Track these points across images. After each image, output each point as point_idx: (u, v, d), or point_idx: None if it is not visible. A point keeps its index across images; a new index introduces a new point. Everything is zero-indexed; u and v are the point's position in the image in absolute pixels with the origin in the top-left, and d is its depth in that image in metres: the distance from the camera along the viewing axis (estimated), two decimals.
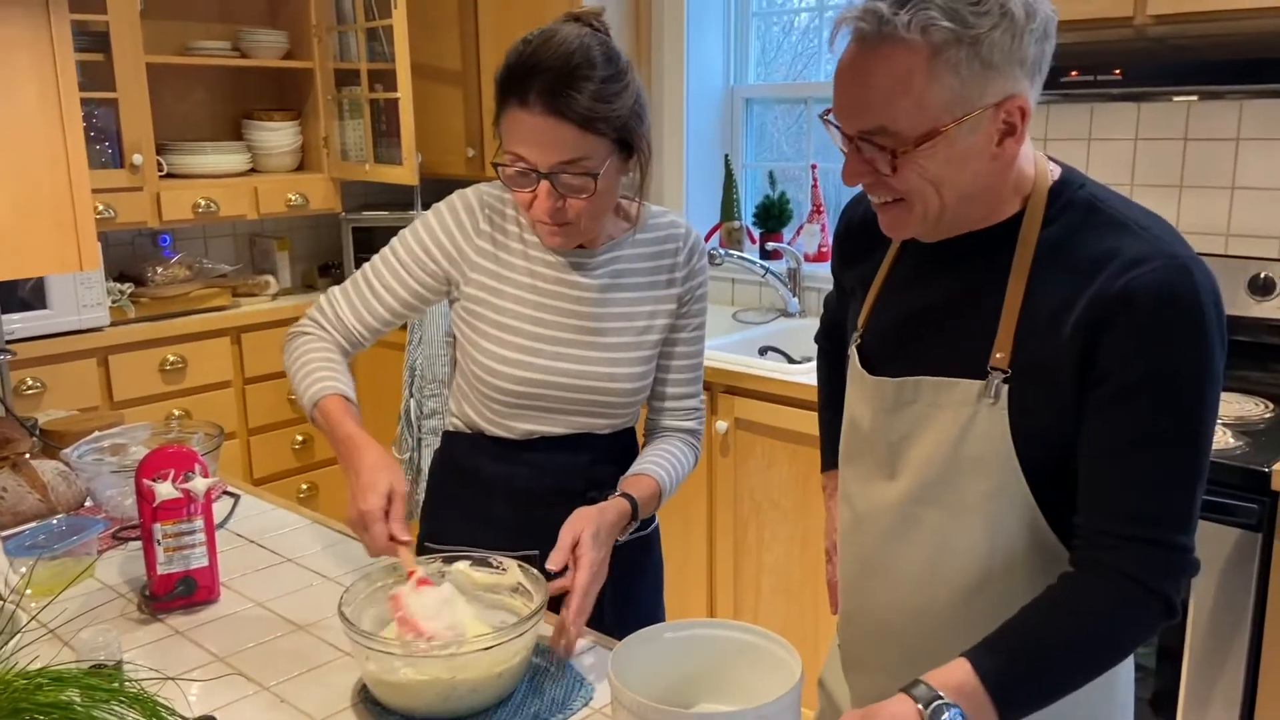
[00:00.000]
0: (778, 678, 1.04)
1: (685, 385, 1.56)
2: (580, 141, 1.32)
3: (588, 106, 1.31)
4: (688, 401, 1.57)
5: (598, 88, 1.32)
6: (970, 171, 1.05)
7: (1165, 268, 1.01)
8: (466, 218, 1.48)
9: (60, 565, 1.44)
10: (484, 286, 1.47)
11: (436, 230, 1.48)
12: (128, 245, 3.45)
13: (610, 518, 1.37)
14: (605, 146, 1.35)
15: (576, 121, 1.31)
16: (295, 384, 1.46)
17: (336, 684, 1.24)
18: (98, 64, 3.07)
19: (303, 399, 1.44)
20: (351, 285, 1.51)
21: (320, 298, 1.53)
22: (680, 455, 1.53)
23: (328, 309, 1.51)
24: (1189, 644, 1.90)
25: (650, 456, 1.51)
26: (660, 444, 1.54)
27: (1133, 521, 1.02)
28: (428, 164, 3.47)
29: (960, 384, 1.10)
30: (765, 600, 2.66)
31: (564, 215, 1.37)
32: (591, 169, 1.34)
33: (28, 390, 2.88)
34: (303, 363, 1.46)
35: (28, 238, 1.64)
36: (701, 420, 1.60)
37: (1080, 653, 1.03)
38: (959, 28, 0.98)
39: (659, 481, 1.47)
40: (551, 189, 1.35)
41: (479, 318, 1.47)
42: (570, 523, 1.34)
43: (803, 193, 3.27)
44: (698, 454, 1.58)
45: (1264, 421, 2.06)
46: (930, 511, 1.14)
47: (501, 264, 1.47)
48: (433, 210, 1.50)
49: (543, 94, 1.31)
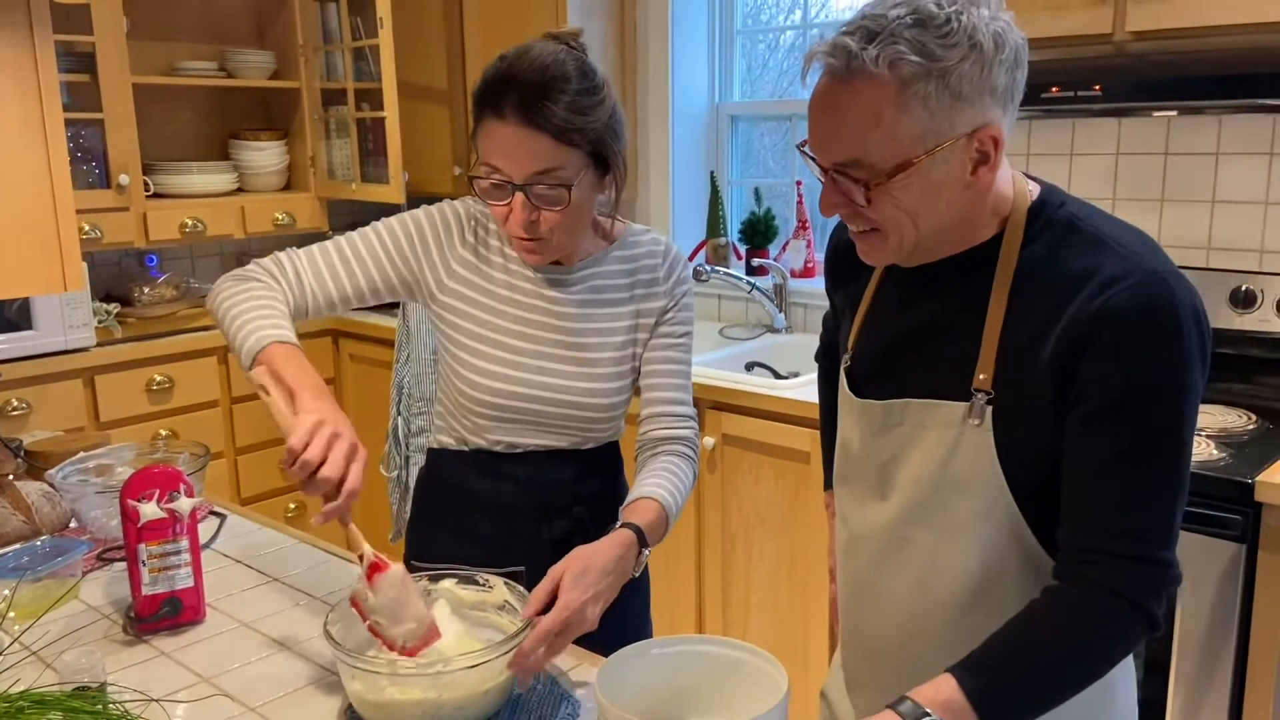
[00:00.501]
0: (765, 693, 1.04)
1: (674, 391, 1.53)
2: (555, 152, 1.34)
3: (563, 118, 1.32)
4: (678, 408, 1.53)
5: (573, 99, 1.33)
6: (944, 201, 1.06)
7: (1142, 283, 1.02)
8: (455, 226, 1.49)
9: (44, 587, 1.43)
10: (463, 298, 1.47)
11: (425, 231, 1.48)
12: (114, 265, 3.44)
13: (609, 552, 1.30)
14: (579, 159, 1.36)
15: (551, 132, 1.33)
16: (238, 324, 1.33)
17: (322, 704, 1.23)
18: (84, 84, 3.07)
19: (247, 340, 1.31)
20: (320, 252, 1.45)
21: (278, 254, 1.45)
22: (679, 471, 1.48)
23: (287, 266, 1.43)
24: (1175, 655, 1.90)
25: (649, 479, 1.45)
26: (656, 462, 1.49)
27: (1115, 537, 1.03)
28: (414, 182, 3.48)
29: (945, 406, 1.11)
30: (754, 616, 2.66)
31: (538, 229, 1.38)
32: (565, 179, 1.35)
33: (13, 411, 2.87)
34: (249, 306, 1.35)
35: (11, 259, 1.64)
36: (695, 428, 1.55)
37: (1064, 666, 1.03)
38: (927, 61, 0.99)
39: (662, 503, 1.41)
40: (526, 201, 1.36)
41: (459, 330, 1.47)
42: (558, 564, 1.27)
43: (789, 209, 3.28)
44: (695, 464, 1.53)
45: (1247, 433, 2.07)
46: (920, 532, 1.14)
47: (482, 276, 1.48)
48: (423, 210, 1.50)
49: (518, 105, 1.32)
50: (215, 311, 1.40)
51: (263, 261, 1.45)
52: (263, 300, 1.37)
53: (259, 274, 1.43)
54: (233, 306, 1.37)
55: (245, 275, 1.43)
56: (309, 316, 1.45)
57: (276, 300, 1.39)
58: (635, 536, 1.34)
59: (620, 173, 1.42)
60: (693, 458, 1.53)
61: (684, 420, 1.54)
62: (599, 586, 1.26)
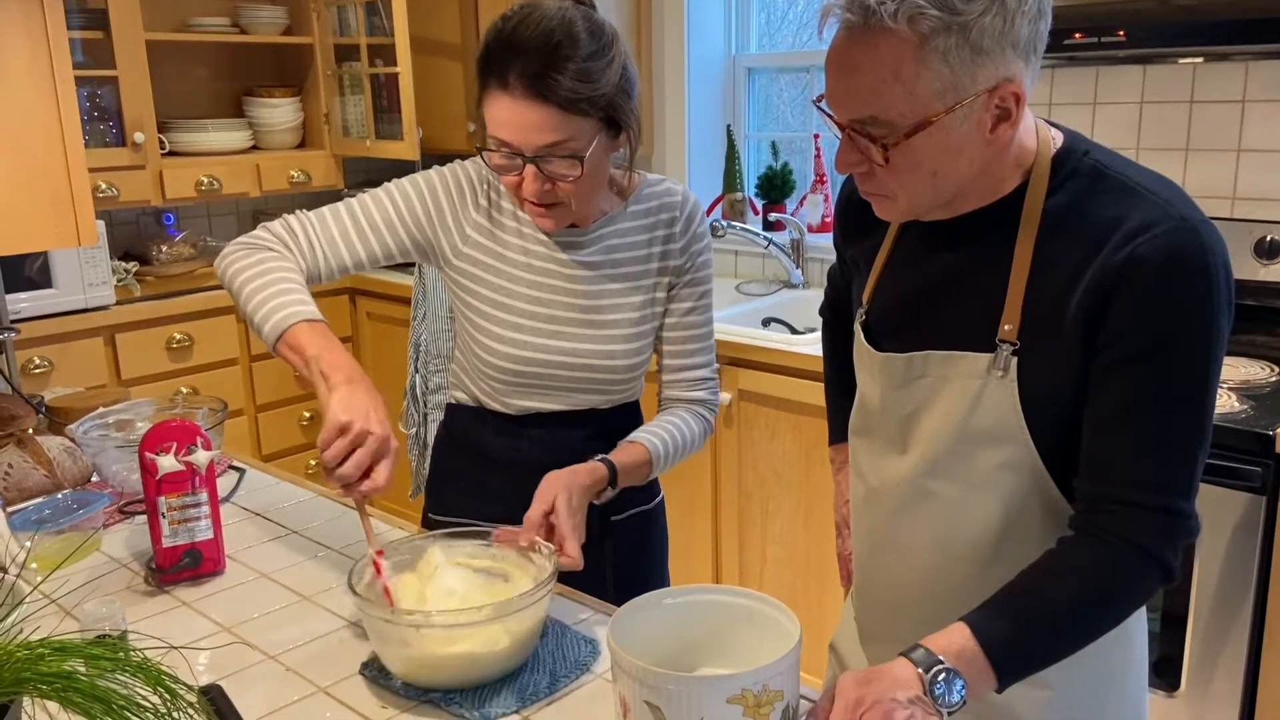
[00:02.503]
0: (777, 641, 1.04)
1: (692, 356, 1.53)
2: (564, 124, 1.29)
3: (570, 88, 1.27)
4: (696, 372, 1.53)
5: (581, 66, 1.28)
6: (965, 159, 1.03)
7: (1173, 231, 1.00)
8: (468, 189, 1.46)
9: (65, 539, 1.45)
10: (478, 262, 1.46)
11: (439, 194, 1.45)
12: (132, 224, 3.45)
13: (582, 480, 1.34)
14: (591, 126, 1.31)
15: (559, 104, 1.28)
16: (256, 300, 1.31)
17: (343, 654, 1.25)
18: (97, 42, 3.06)
19: (270, 318, 1.29)
20: (332, 216, 1.43)
21: (287, 218, 1.43)
22: (683, 426, 1.49)
23: (299, 232, 1.41)
24: (1193, 608, 1.90)
25: (649, 426, 1.49)
26: (665, 415, 1.51)
27: (1134, 486, 1.02)
28: (429, 139, 3.46)
29: (968, 357, 1.09)
30: (770, 569, 2.67)
31: (552, 197, 1.35)
32: (577, 151, 1.31)
33: (35, 369, 2.90)
34: (267, 280, 1.32)
35: (25, 213, 1.64)
36: (714, 390, 1.55)
37: (1078, 617, 1.03)
38: (946, 15, 0.95)
39: (650, 449, 1.44)
40: (537, 172, 1.32)
41: (475, 295, 1.46)
42: (541, 490, 1.31)
43: (806, 163, 3.25)
44: (708, 425, 1.53)
45: (1269, 385, 2.05)
46: (942, 485, 1.13)
47: (496, 241, 1.46)
48: (435, 172, 1.47)
49: (523, 76, 1.27)
50: (228, 282, 1.38)
51: (272, 226, 1.42)
52: (279, 273, 1.34)
53: (270, 242, 1.40)
54: (248, 281, 1.34)
55: (256, 243, 1.40)
56: (322, 282, 1.43)
57: (292, 271, 1.36)
58: (607, 473, 1.38)
59: (634, 131, 1.38)
60: (706, 418, 1.53)
61: (703, 384, 1.54)
62: (583, 508, 1.33)
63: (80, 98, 3.03)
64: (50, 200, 1.66)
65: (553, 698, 1.15)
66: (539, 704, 1.14)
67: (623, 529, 1.55)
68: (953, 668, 0.97)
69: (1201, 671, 1.92)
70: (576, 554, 1.27)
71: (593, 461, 1.39)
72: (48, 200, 1.66)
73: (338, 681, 1.19)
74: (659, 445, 1.46)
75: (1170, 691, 1.95)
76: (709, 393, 1.55)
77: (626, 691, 0.99)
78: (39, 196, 1.66)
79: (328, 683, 1.19)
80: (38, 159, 1.65)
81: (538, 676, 1.18)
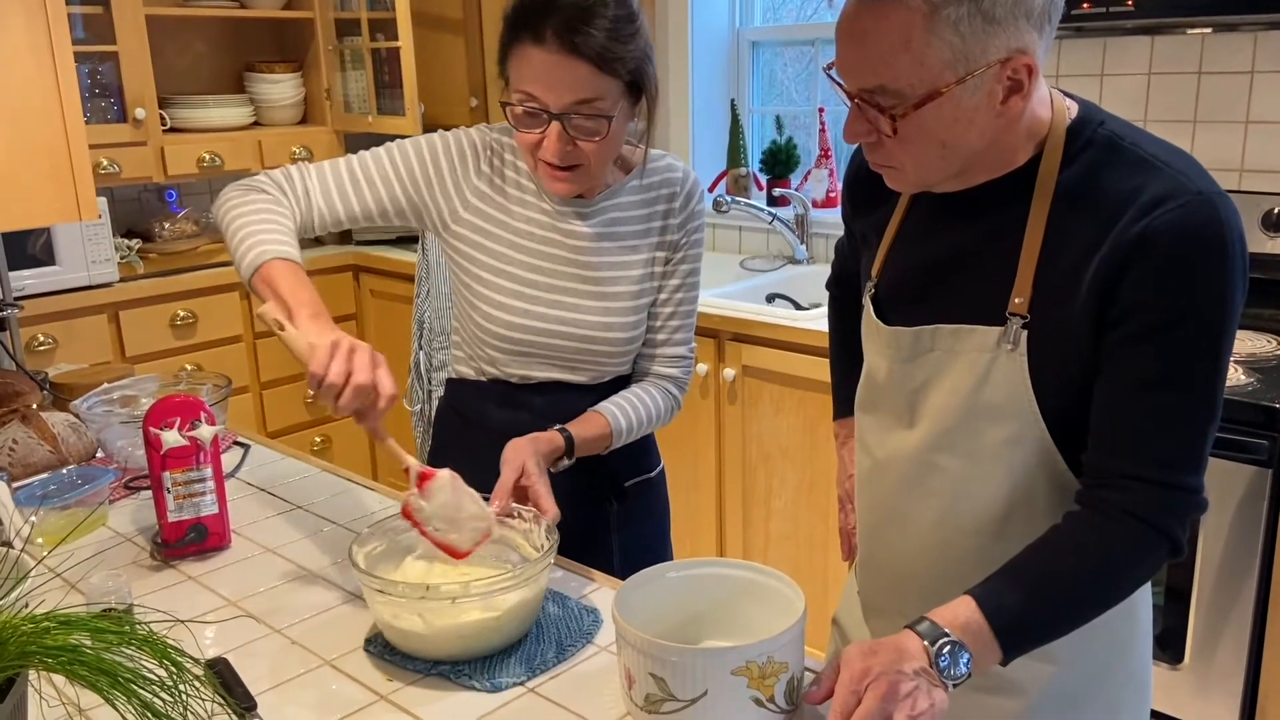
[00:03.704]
0: (781, 614, 1.04)
1: (674, 334, 1.54)
2: (595, 81, 1.30)
3: (604, 45, 1.28)
4: (676, 349, 1.54)
5: (613, 26, 1.29)
6: (975, 131, 1.02)
7: (1189, 205, 0.98)
8: (470, 155, 1.46)
9: (71, 514, 1.45)
10: (478, 229, 1.46)
11: (440, 157, 1.45)
12: (134, 201, 3.44)
13: (543, 449, 1.36)
14: (618, 89, 1.33)
15: (593, 60, 1.28)
16: (240, 235, 1.32)
17: (348, 627, 1.25)
18: (97, 17, 3.04)
19: (248, 254, 1.30)
20: (331, 169, 1.44)
21: (288, 167, 1.44)
22: (650, 401, 1.51)
23: (296, 181, 1.42)
24: (1198, 582, 1.90)
25: (615, 398, 1.49)
26: (634, 388, 1.52)
27: (1143, 461, 1.01)
28: (430, 114, 3.44)
29: (978, 330, 1.08)
30: (774, 544, 2.68)
31: (574, 158, 1.35)
32: (605, 110, 1.32)
33: (40, 346, 2.90)
34: (254, 219, 1.33)
35: (25, 188, 1.64)
36: (688, 369, 1.57)
37: (1084, 591, 1.03)
38: None
39: (611, 422, 1.45)
40: (562, 131, 1.32)
41: (474, 261, 1.46)
42: (509, 457, 1.33)
43: (810, 139, 3.23)
44: (676, 402, 1.55)
45: (1275, 358, 2.04)
46: (948, 459, 1.13)
47: (498, 208, 1.46)
48: (439, 135, 1.47)
49: (559, 30, 1.27)
50: (220, 219, 1.38)
51: (272, 173, 1.43)
52: (267, 213, 1.35)
53: (267, 185, 1.40)
54: (237, 217, 1.34)
55: (252, 185, 1.40)
56: (315, 232, 1.44)
57: (282, 214, 1.36)
58: (564, 443, 1.40)
59: (654, 102, 1.39)
60: (675, 396, 1.55)
61: (679, 361, 1.55)
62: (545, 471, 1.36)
63: (81, 74, 3.02)
64: (50, 174, 1.65)
65: (559, 668, 1.16)
66: (546, 674, 1.15)
67: (625, 498, 1.56)
68: (958, 640, 0.97)
69: (1205, 645, 1.92)
70: (554, 507, 1.28)
71: (551, 430, 1.40)
72: (47, 174, 1.65)
73: (343, 655, 1.19)
74: (621, 419, 1.47)
75: (1174, 664, 1.95)
76: (683, 371, 1.56)
77: (631, 664, 1.00)
78: (38, 171, 1.66)
79: (333, 655, 1.19)
80: (37, 133, 1.64)
81: (544, 646, 1.18)
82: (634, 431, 1.49)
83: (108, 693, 0.81)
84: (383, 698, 1.11)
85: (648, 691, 0.98)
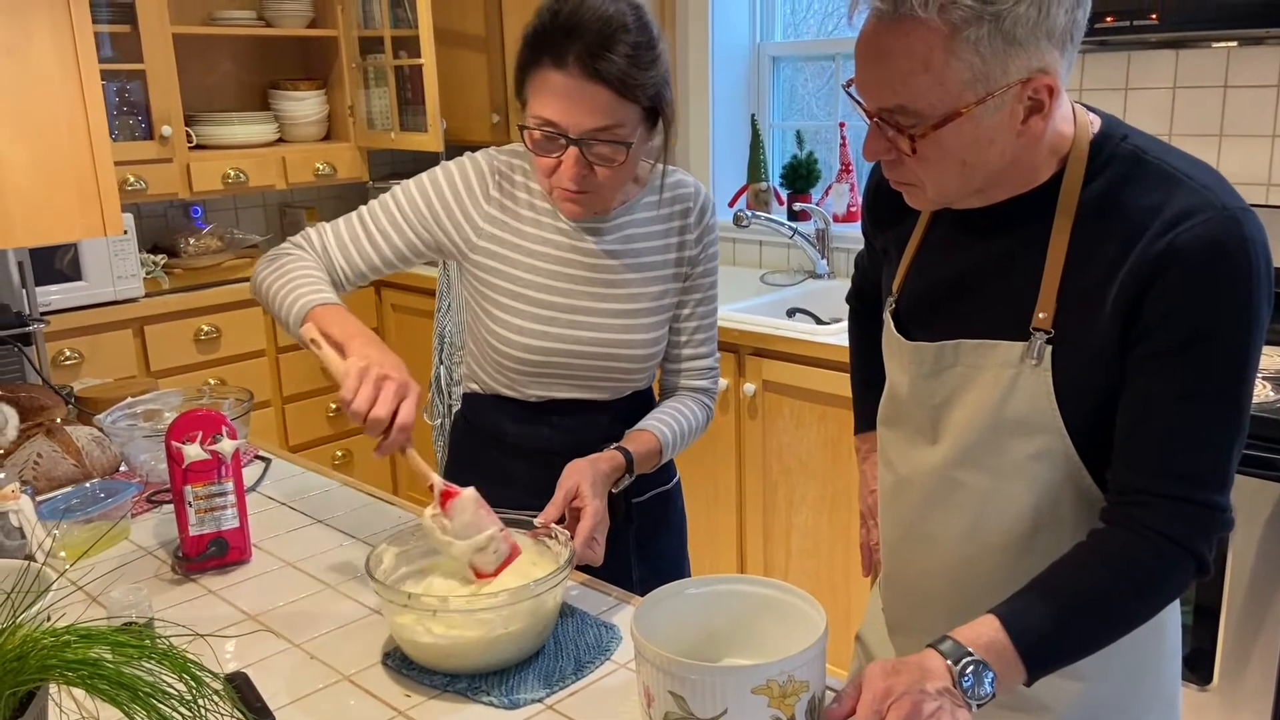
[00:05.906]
0: (802, 631, 1.03)
1: (700, 346, 1.55)
2: (615, 107, 1.30)
3: (625, 70, 1.28)
4: (703, 362, 1.56)
5: (633, 52, 1.29)
6: (995, 150, 1.01)
7: (1214, 220, 0.97)
8: (477, 183, 1.46)
9: (94, 527, 1.46)
10: (493, 255, 1.46)
11: (445, 192, 1.46)
12: (160, 217, 3.48)
13: (603, 469, 1.38)
14: (637, 114, 1.33)
15: (614, 86, 1.29)
16: (280, 295, 1.36)
17: (367, 641, 1.25)
18: (125, 35, 3.08)
19: (291, 308, 1.34)
20: (345, 225, 1.47)
21: (308, 229, 1.48)
22: (689, 413, 1.53)
23: (315, 241, 1.46)
24: (1226, 600, 1.87)
25: (656, 414, 1.51)
26: (671, 402, 1.54)
27: (1169, 478, 1.00)
28: (453, 130, 3.46)
29: (1001, 346, 1.08)
30: (795, 560, 2.66)
31: (589, 183, 1.35)
32: (624, 138, 1.32)
33: (66, 361, 2.93)
34: (289, 278, 1.37)
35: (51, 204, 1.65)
36: (716, 379, 1.59)
37: (1110, 611, 1.01)
38: (979, 4, 0.93)
39: (659, 438, 1.47)
40: (580, 156, 1.32)
41: (491, 287, 1.46)
42: (565, 478, 1.35)
43: (831, 153, 3.22)
44: (710, 412, 1.58)
45: None
46: (972, 475, 1.12)
47: (512, 231, 1.46)
48: (441, 169, 1.48)
49: (581, 55, 1.27)
50: (260, 294, 1.43)
51: (293, 239, 1.48)
52: (300, 270, 1.39)
53: (290, 249, 1.45)
54: (273, 283, 1.39)
55: (279, 254, 1.45)
56: (346, 290, 1.47)
57: (313, 268, 1.41)
58: (625, 461, 1.41)
59: (672, 126, 1.39)
60: (709, 405, 1.57)
61: (706, 373, 1.57)
62: (604, 495, 1.37)
63: (109, 92, 3.06)
64: (76, 191, 1.67)
65: (578, 685, 1.15)
66: (564, 691, 1.14)
67: (643, 511, 1.56)
68: (982, 660, 0.96)
69: (1235, 665, 1.89)
70: (598, 547, 1.30)
71: (610, 450, 1.42)
72: (74, 191, 1.67)
73: (362, 670, 1.19)
74: (668, 434, 1.49)
75: (1203, 685, 1.92)
76: (711, 381, 1.58)
77: (650, 681, 0.99)
78: (65, 187, 1.67)
79: (352, 670, 1.19)
80: (63, 149, 1.66)
81: (563, 663, 1.18)
82: (679, 444, 1.51)
83: (127, 706, 0.81)
84: (400, 713, 1.11)
85: (667, 709, 0.97)
